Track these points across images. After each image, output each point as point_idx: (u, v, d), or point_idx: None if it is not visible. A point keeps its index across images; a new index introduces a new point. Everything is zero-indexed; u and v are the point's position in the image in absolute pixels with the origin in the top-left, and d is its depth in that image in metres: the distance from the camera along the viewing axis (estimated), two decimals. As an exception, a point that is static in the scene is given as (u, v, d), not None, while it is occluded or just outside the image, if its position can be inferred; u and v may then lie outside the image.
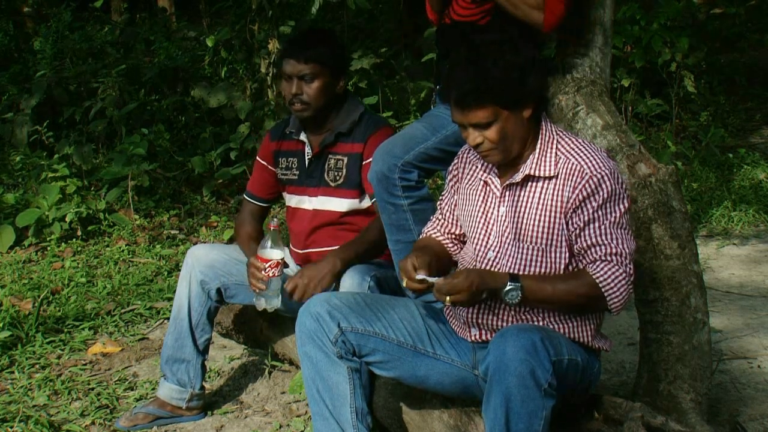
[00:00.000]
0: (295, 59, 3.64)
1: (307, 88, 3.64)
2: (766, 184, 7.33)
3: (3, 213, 6.32)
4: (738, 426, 3.40)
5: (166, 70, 8.18)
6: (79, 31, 9.14)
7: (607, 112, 3.56)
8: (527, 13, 3.42)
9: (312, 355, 3.07)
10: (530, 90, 2.88)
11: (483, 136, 2.87)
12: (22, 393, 4.05)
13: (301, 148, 3.86)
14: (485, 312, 3.02)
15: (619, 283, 2.74)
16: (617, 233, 2.80)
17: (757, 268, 5.60)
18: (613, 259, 2.76)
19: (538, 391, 2.65)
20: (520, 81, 2.83)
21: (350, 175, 3.74)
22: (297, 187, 3.88)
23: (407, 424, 3.39)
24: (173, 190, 7.01)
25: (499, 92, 2.80)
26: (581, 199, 2.84)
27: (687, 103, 9.25)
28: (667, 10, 9.29)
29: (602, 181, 2.83)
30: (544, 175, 2.93)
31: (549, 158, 2.93)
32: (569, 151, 2.92)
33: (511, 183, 2.99)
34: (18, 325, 4.68)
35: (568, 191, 2.87)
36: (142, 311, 5.03)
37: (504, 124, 2.86)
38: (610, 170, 2.87)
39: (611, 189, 2.83)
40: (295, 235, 3.96)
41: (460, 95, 2.82)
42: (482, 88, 2.79)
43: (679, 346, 3.41)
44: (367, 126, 3.76)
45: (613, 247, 2.77)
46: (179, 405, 3.84)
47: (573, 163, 2.88)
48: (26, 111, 7.76)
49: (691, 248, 3.46)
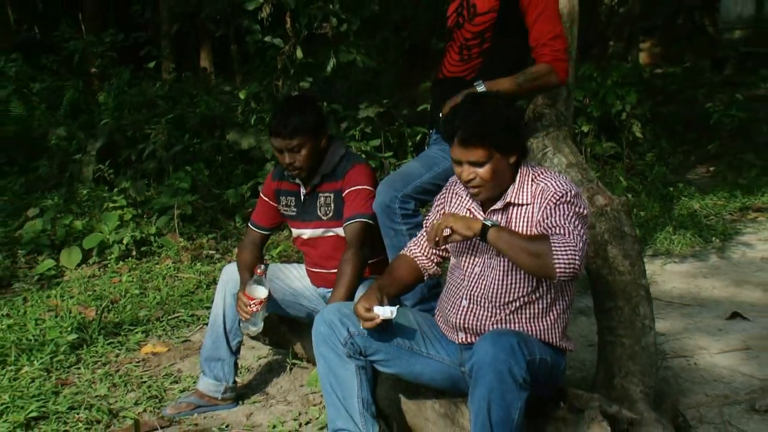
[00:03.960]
0: (280, 137, 3.61)
1: (297, 156, 3.64)
2: (700, 212, 7.34)
3: (72, 237, 6.33)
4: (678, 413, 3.37)
5: (206, 118, 8.19)
6: (135, 87, 9.16)
7: (570, 153, 3.57)
8: (544, 83, 3.48)
9: (325, 355, 3.08)
10: (519, 140, 2.95)
11: (476, 173, 2.88)
12: (86, 386, 4.03)
13: (297, 189, 3.87)
14: (470, 319, 3.03)
15: (568, 252, 2.67)
16: (573, 223, 2.78)
17: (694, 281, 5.59)
18: (568, 236, 2.73)
19: (515, 385, 2.65)
20: (512, 131, 2.89)
21: (337, 209, 3.74)
22: (297, 221, 3.90)
23: (405, 412, 3.38)
24: (211, 217, 7.01)
25: (496, 137, 2.83)
26: (549, 209, 2.85)
27: (635, 145, 9.26)
28: (618, 70, 9.38)
29: (564, 194, 2.86)
30: (522, 202, 2.95)
31: (526, 189, 2.95)
32: (541, 180, 2.94)
33: (493, 209, 2.99)
34: (83, 329, 4.67)
35: (538, 209, 2.89)
36: (185, 318, 5.02)
37: (495, 165, 2.88)
38: (570, 188, 2.90)
39: (571, 198, 2.86)
40: (307, 258, 4.00)
41: (465, 135, 2.83)
42: (484, 132, 2.81)
43: (630, 347, 3.41)
44: (345, 165, 3.76)
45: (569, 231, 2.74)
46: (215, 396, 3.84)
47: (543, 186, 2.91)
48: (92, 153, 7.78)
49: (639, 266, 3.46)
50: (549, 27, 3.44)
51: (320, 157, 3.73)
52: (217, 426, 3.67)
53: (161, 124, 7.82)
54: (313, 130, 3.65)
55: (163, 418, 3.73)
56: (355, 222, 3.63)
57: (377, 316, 2.92)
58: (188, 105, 8.75)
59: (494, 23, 3.55)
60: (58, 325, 4.72)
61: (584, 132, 8.82)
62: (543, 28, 3.44)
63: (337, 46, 7.48)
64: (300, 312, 3.96)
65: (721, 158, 9.76)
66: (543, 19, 3.44)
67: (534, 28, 3.46)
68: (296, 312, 3.97)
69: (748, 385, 3.84)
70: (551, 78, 3.43)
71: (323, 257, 3.87)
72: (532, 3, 3.45)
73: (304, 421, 3.68)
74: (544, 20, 3.44)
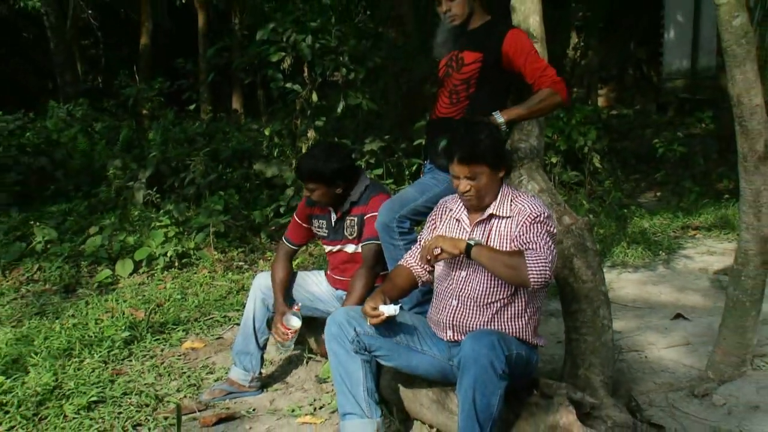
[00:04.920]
0: (303, 182, 3.74)
1: (313, 194, 3.72)
2: (649, 230, 7.32)
3: (125, 250, 6.31)
4: (631, 398, 3.36)
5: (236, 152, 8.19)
6: (178, 126, 9.18)
7: (542, 180, 3.57)
8: (550, 104, 3.46)
9: (336, 350, 3.07)
10: (505, 158, 3.04)
11: (471, 185, 2.95)
12: (136, 375, 4.01)
13: (327, 213, 3.89)
14: (458, 318, 3.04)
15: (540, 265, 2.73)
16: (545, 240, 2.83)
17: (645, 288, 5.56)
18: (540, 251, 2.77)
19: (496, 376, 2.66)
20: (500, 151, 2.99)
21: (360, 230, 3.78)
22: (328, 240, 3.94)
23: (403, 399, 3.36)
24: (240, 234, 6.98)
25: (488, 155, 2.92)
26: (525, 226, 2.89)
27: (595, 174, 9.26)
28: (581, 112, 9.42)
29: (539, 215, 2.90)
30: (503, 215, 2.98)
31: (506, 204, 3.00)
32: (520, 201, 2.98)
33: (479, 220, 3.03)
34: (134, 328, 4.66)
35: (516, 225, 2.92)
36: (218, 319, 4.99)
37: (487, 178, 2.95)
38: (544, 210, 2.94)
39: (544, 219, 2.90)
40: (331, 265, 4.01)
41: (463, 154, 2.91)
42: (478, 152, 2.90)
43: (592, 343, 3.40)
44: (370, 193, 3.79)
45: (540, 247, 2.79)
46: (244, 384, 3.83)
47: (521, 207, 2.95)
48: (142, 180, 7.78)
49: (600, 275, 3.45)
50: (537, 65, 3.45)
51: (343, 195, 3.76)
52: (245, 409, 3.65)
53: (199, 156, 7.83)
54: (328, 179, 3.66)
55: (200, 402, 3.71)
56: (371, 243, 3.68)
57: (382, 313, 2.93)
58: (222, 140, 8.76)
59: (478, 72, 3.57)
60: (113, 325, 4.70)
61: (553, 163, 8.82)
62: (533, 67, 3.45)
63: (346, 91, 7.51)
64: (315, 313, 3.96)
65: (665, 185, 9.77)
66: (530, 61, 3.46)
67: (526, 71, 3.46)
68: (312, 313, 3.96)
69: (689, 375, 3.83)
70: (555, 98, 3.42)
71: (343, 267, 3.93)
72: (516, 53, 3.48)
73: (318, 405, 3.66)
74: (531, 61, 3.45)
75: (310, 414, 3.56)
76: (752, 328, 3.67)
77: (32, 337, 4.51)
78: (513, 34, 3.53)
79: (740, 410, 3.37)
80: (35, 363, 4.06)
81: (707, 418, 3.33)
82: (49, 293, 5.66)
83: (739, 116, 3.45)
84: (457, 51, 3.64)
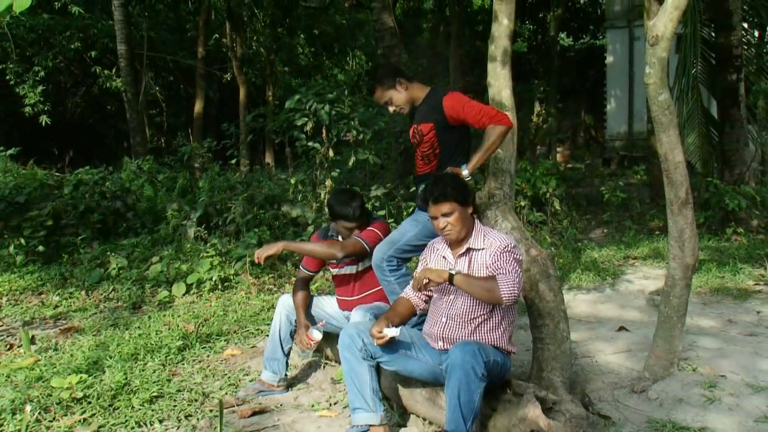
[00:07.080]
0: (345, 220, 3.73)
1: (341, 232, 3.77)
2: (598, 260, 7.30)
3: (179, 276, 6.30)
4: (585, 395, 3.32)
5: (268, 197, 8.20)
6: (222, 176, 9.22)
7: (513, 220, 3.57)
8: (498, 135, 3.33)
9: (347, 357, 3.06)
10: (470, 196, 3.09)
11: (447, 221, 2.97)
12: (188, 376, 3.99)
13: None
14: (448, 331, 3.04)
15: (509, 285, 2.76)
16: (513, 265, 2.85)
17: (595, 306, 5.53)
18: (509, 275, 2.80)
19: (477, 378, 2.66)
20: (465, 190, 3.03)
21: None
22: (334, 264, 3.89)
23: (402, 396, 3.33)
24: (271, 263, 6.95)
25: (456, 195, 2.95)
26: (497, 255, 2.91)
27: (555, 215, 9.27)
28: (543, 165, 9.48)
29: (507, 246, 2.92)
30: (478, 247, 2.99)
31: (480, 239, 3.01)
32: (491, 236, 3.01)
33: (460, 254, 3.04)
34: (186, 338, 4.64)
35: (489, 257, 2.93)
36: (253, 331, 4.96)
37: (459, 214, 2.97)
38: (511, 242, 2.96)
39: (511, 249, 2.92)
40: (337, 288, 3.97)
41: (436, 197, 2.96)
42: (447, 192, 2.94)
43: (553, 351, 3.38)
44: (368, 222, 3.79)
45: (509, 271, 2.81)
46: (273, 384, 3.80)
47: (492, 240, 2.97)
48: (193, 220, 7.80)
49: (560, 296, 3.44)
50: (474, 110, 3.40)
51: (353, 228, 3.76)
52: (274, 405, 3.61)
53: (239, 200, 7.85)
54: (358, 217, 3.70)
55: (238, 398, 3.68)
56: (357, 238, 3.67)
57: (386, 335, 2.93)
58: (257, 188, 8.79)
59: (436, 137, 3.55)
60: (170, 335, 4.68)
61: (522, 206, 8.83)
62: (473, 113, 3.40)
63: (356, 148, 7.57)
64: (330, 328, 3.93)
65: (610, 224, 9.76)
66: (468, 109, 3.41)
67: (468, 118, 3.42)
68: (327, 328, 3.92)
69: (630, 375, 3.80)
70: (499, 129, 3.34)
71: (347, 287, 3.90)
72: (455, 108, 3.45)
73: (333, 402, 3.62)
74: (469, 109, 3.41)
75: (326, 408, 3.53)
76: (678, 337, 3.68)
77: (108, 344, 4.52)
78: (449, 96, 3.50)
79: (669, 403, 3.38)
80: (110, 365, 4.06)
81: (644, 409, 3.32)
82: (120, 309, 5.65)
83: (666, 170, 3.50)
84: (416, 124, 3.63)
